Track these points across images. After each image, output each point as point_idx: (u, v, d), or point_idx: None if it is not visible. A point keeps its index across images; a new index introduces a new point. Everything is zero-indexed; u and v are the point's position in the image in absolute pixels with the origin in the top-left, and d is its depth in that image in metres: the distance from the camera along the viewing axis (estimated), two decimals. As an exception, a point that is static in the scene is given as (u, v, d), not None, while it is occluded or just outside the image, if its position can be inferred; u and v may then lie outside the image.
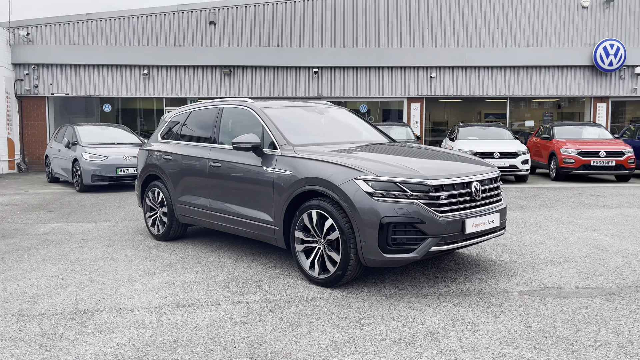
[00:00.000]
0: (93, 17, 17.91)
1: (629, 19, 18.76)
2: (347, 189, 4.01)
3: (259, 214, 4.83)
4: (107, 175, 11.16)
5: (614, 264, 4.99)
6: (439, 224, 3.93)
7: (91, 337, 3.34)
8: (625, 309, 3.74)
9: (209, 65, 18.19)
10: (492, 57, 18.55)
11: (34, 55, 17.78)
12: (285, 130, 4.90)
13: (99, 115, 19.28)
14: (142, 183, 6.49)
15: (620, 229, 6.70)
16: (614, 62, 18.46)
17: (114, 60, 17.92)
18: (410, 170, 4.07)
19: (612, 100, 19.30)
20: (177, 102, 18.61)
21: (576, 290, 4.18)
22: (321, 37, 18.41)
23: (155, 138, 6.56)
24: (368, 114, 19.33)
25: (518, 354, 3.03)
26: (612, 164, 12.67)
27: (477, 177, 4.32)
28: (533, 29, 18.68)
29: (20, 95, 17.94)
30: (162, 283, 4.49)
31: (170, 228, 6.06)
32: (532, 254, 5.37)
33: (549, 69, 18.81)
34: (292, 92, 18.52)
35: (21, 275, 4.78)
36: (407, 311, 3.74)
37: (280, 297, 4.07)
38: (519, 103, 20.32)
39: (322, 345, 3.17)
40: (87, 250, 5.78)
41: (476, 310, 3.75)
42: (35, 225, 7.32)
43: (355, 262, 4.06)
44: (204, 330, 3.44)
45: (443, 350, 3.08)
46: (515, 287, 4.28)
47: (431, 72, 18.65)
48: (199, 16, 18.11)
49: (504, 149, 12.81)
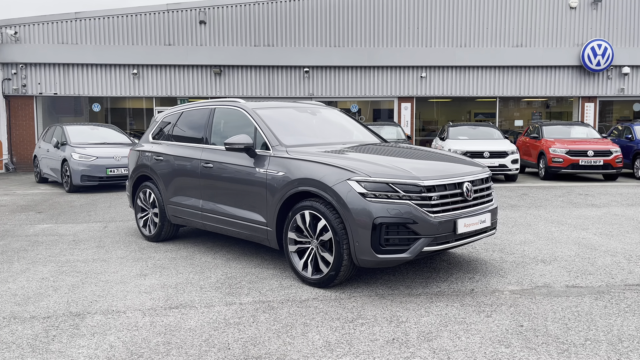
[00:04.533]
0: (82, 16, 17.75)
1: (617, 20, 18.97)
2: (340, 190, 4.03)
3: (252, 214, 4.83)
4: (97, 176, 11.08)
5: (603, 262, 5.05)
6: (431, 224, 3.96)
7: (84, 339, 3.33)
8: (615, 308, 3.79)
9: (200, 65, 18.12)
10: (481, 57, 18.67)
11: (21, 54, 17.59)
12: (278, 131, 4.91)
13: (87, 114, 19.12)
14: (134, 184, 6.46)
15: (609, 227, 6.78)
16: (602, 62, 18.65)
17: (103, 59, 17.79)
18: (403, 170, 4.09)
19: (599, 99, 19.51)
20: (167, 101, 18.52)
21: (566, 289, 4.23)
22: (312, 36, 18.41)
23: (146, 138, 6.53)
24: (359, 113, 19.36)
25: (510, 353, 3.06)
26: (600, 163, 12.81)
27: (469, 178, 4.36)
28: (522, 29, 18.83)
29: (8, 94, 17.75)
30: (155, 284, 4.48)
31: (162, 229, 6.03)
32: (523, 253, 5.42)
33: (538, 69, 18.97)
34: (283, 91, 18.50)
35: (11, 277, 4.74)
36: (400, 311, 3.76)
37: (273, 298, 4.08)
38: (508, 103, 20.47)
39: (316, 346, 3.19)
40: (78, 251, 5.74)
41: (468, 309, 3.78)
42: (24, 227, 7.26)
43: (348, 263, 4.08)
44: (198, 331, 3.44)
45: (436, 350, 3.11)
46: (507, 286, 4.32)
47: (421, 72, 18.73)
48: (189, 15, 18.02)
49: (493, 148, 12.90)
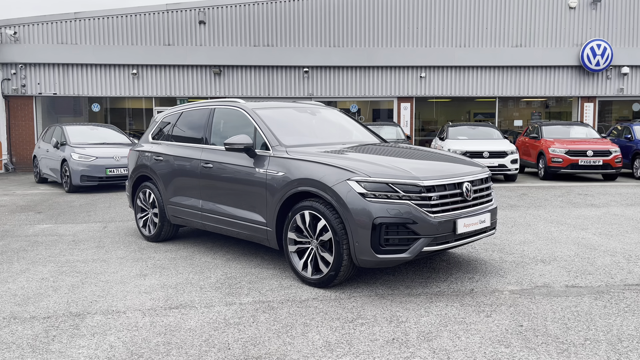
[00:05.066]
0: (81, 16, 17.75)
1: (616, 20, 18.98)
2: (339, 190, 4.03)
3: (252, 215, 4.83)
4: (96, 176, 11.07)
5: (603, 262, 5.06)
6: (430, 225, 3.96)
7: (84, 339, 3.33)
8: (614, 308, 3.80)
9: (199, 65, 18.11)
10: (481, 57, 18.68)
11: (21, 54, 17.58)
12: (278, 131, 4.91)
13: (87, 115, 19.13)
14: (133, 184, 6.46)
15: (608, 227, 6.79)
16: (601, 62, 18.66)
17: (103, 59, 17.78)
18: (402, 171, 4.09)
19: (599, 99, 19.52)
20: (167, 101, 18.52)
21: (566, 289, 4.24)
22: (311, 36, 18.41)
23: (146, 139, 6.53)
24: (358, 113, 19.37)
25: (510, 353, 3.07)
26: (600, 163, 12.82)
27: (468, 178, 4.36)
28: (521, 29, 18.84)
29: (8, 94, 17.74)
30: (155, 284, 4.48)
31: (161, 229, 6.04)
32: (522, 253, 5.42)
33: (537, 69, 18.98)
34: (283, 91, 18.51)
35: (11, 278, 4.74)
36: (400, 311, 3.77)
37: (273, 298, 4.08)
38: (507, 103, 20.48)
39: (316, 346, 3.19)
40: (78, 251, 5.74)
41: (468, 309, 3.79)
42: (24, 227, 7.26)
43: (348, 263, 4.08)
44: (198, 331, 3.44)
45: (436, 350, 3.11)
46: (506, 286, 4.33)
47: (421, 72, 18.74)
48: (188, 15, 18.02)
49: (493, 148, 12.91)
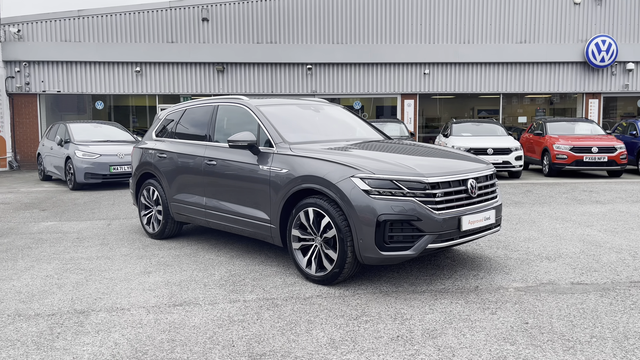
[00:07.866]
0: (84, 14, 17.75)
1: (621, 15, 18.86)
2: (343, 187, 4.02)
3: (256, 212, 4.82)
4: (100, 173, 11.09)
5: (608, 259, 5.03)
6: (435, 222, 3.94)
7: (88, 337, 3.33)
8: (620, 305, 3.78)
9: (202, 62, 18.10)
10: (485, 54, 18.60)
11: (25, 52, 17.61)
12: (281, 128, 4.90)
13: (91, 112, 19.15)
14: (137, 181, 6.46)
15: (613, 224, 6.76)
16: (606, 58, 18.55)
17: (106, 57, 17.79)
18: (407, 167, 4.08)
19: (604, 96, 19.41)
20: (170, 99, 18.51)
21: (571, 286, 4.21)
22: (315, 33, 18.37)
23: (149, 136, 6.53)
24: (362, 110, 19.33)
25: (515, 350, 3.05)
26: (604, 159, 12.76)
27: (473, 175, 4.34)
28: (526, 25, 18.74)
29: (12, 92, 17.77)
30: (159, 282, 4.48)
31: (165, 226, 6.04)
32: (527, 250, 5.40)
33: (542, 65, 18.88)
34: (286, 88, 18.48)
35: (16, 275, 4.75)
36: (405, 308, 3.75)
37: (277, 295, 4.08)
38: (511, 99, 20.40)
39: (320, 344, 3.18)
40: (82, 249, 5.75)
41: (473, 307, 3.77)
42: (28, 224, 7.27)
43: (352, 260, 4.07)
44: (202, 329, 3.44)
45: (441, 347, 3.10)
46: (511, 283, 4.31)
47: (424, 69, 18.67)
48: (191, 12, 18.01)
49: (497, 145, 12.85)
